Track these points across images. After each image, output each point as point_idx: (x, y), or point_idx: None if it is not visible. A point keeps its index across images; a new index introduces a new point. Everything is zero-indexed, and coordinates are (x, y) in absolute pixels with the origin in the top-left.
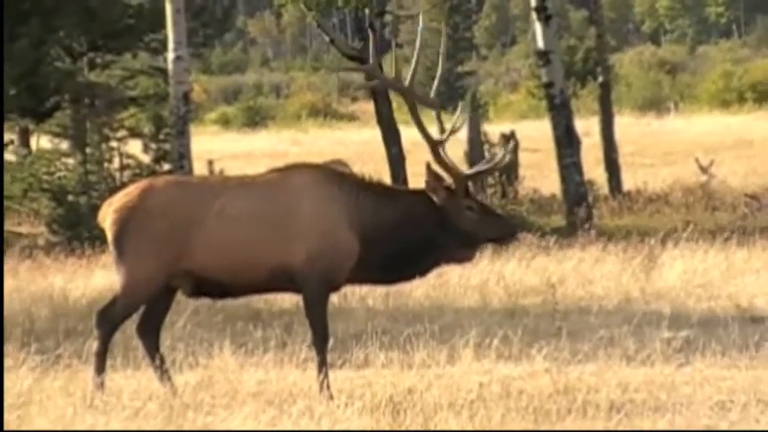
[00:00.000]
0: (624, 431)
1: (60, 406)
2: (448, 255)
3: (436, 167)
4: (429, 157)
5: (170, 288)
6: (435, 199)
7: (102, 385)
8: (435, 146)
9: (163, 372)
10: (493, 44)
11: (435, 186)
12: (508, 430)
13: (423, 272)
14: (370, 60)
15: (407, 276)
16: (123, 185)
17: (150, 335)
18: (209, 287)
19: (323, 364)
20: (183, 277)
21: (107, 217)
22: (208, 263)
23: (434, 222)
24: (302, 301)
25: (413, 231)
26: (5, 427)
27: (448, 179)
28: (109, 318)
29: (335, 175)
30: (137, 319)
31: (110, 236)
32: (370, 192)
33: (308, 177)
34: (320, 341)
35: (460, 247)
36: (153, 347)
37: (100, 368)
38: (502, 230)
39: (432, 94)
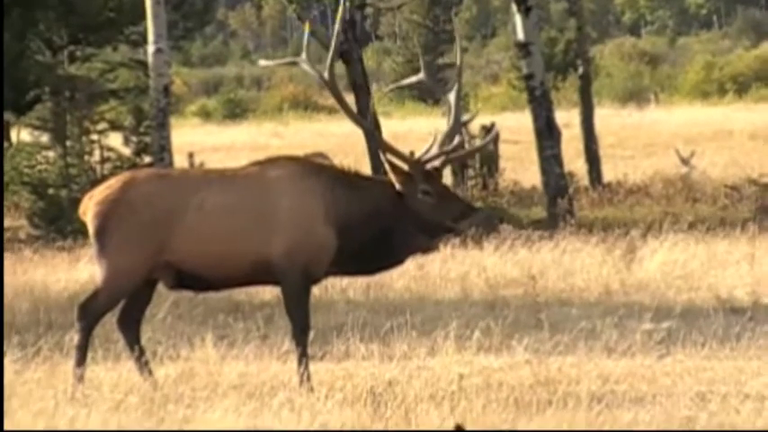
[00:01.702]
0: (604, 430)
1: (41, 398)
2: (414, 243)
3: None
4: (407, 147)
5: (150, 281)
6: (396, 186)
7: (82, 378)
8: (371, 134)
9: (143, 364)
10: (473, 36)
11: (392, 173)
12: None
13: (398, 261)
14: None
15: (385, 266)
16: (104, 178)
17: (131, 327)
18: (190, 280)
19: (303, 357)
20: (164, 270)
21: (88, 210)
22: (188, 255)
23: (400, 210)
24: (282, 294)
25: (384, 220)
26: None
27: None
28: (90, 311)
29: (313, 167)
30: (117, 311)
31: (91, 228)
32: (344, 183)
33: (287, 171)
34: (300, 334)
35: (422, 234)
36: (133, 340)
37: (81, 361)
38: (458, 213)
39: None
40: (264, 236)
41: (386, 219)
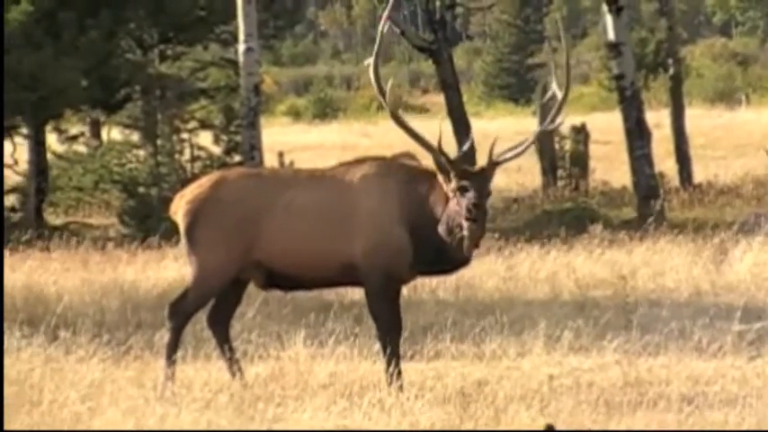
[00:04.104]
0: (695, 430)
1: (131, 397)
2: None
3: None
4: (498, 148)
5: (240, 280)
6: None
7: (172, 377)
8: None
9: (233, 363)
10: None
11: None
12: None
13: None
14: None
15: (461, 263)
16: (194, 177)
17: (220, 327)
18: (278, 279)
19: (393, 356)
20: (253, 268)
21: (179, 209)
22: (277, 255)
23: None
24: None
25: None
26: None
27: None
28: (181, 310)
29: (390, 167)
30: (207, 311)
31: (182, 227)
32: (419, 183)
33: (366, 171)
34: (386, 334)
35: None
36: (223, 339)
37: (171, 359)
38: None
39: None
40: (347, 237)
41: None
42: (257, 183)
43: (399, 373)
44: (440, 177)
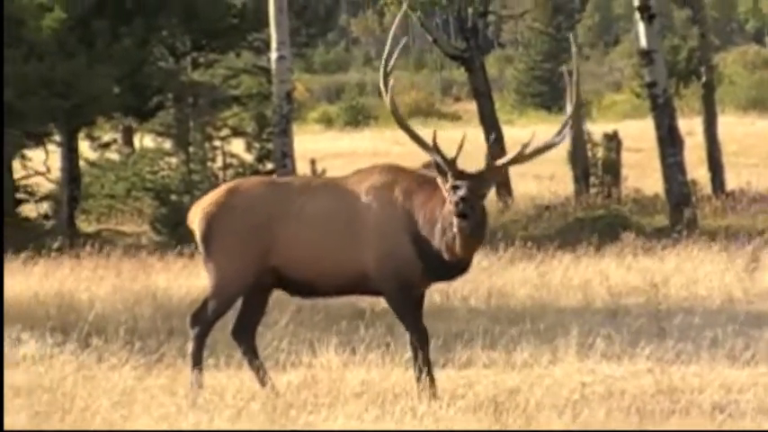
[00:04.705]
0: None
1: (164, 404)
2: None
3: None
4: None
5: (264, 290)
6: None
7: (202, 384)
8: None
9: (261, 373)
10: (596, 44)
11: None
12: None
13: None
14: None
15: (457, 267)
16: None
17: (246, 337)
18: (294, 286)
19: (425, 363)
20: (271, 275)
21: (195, 217)
22: (290, 262)
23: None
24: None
25: None
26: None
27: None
28: (202, 318)
29: (398, 176)
30: (232, 322)
31: (197, 235)
32: (426, 193)
33: (374, 181)
34: (418, 340)
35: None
36: (250, 349)
37: (198, 368)
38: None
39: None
40: (357, 246)
41: None
42: (271, 190)
43: (432, 380)
44: (439, 180)
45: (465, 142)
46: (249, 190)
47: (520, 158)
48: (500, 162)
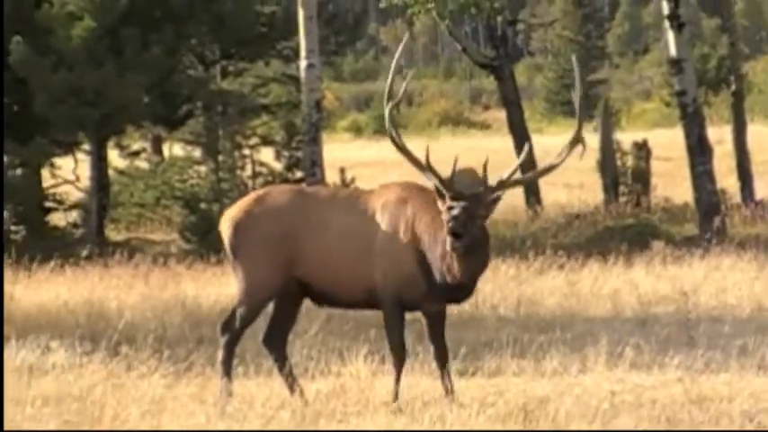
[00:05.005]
0: None
1: (193, 413)
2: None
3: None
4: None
5: (294, 297)
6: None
7: (231, 393)
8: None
9: (292, 382)
10: (625, 52)
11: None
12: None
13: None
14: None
15: (457, 289)
16: None
17: (277, 344)
18: (317, 296)
19: (397, 381)
20: (296, 283)
21: (224, 224)
22: (313, 271)
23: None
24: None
25: None
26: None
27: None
28: (231, 327)
29: (411, 194)
30: (264, 330)
31: (225, 242)
32: (430, 213)
33: (387, 197)
34: (396, 357)
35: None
36: (281, 357)
37: (227, 376)
38: None
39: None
40: (368, 261)
41: None
42: (298, 199)
43: (396, 395)
44: (438, 202)
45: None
46: (276, 198)
47: (521, 181)
48: (497, 182)
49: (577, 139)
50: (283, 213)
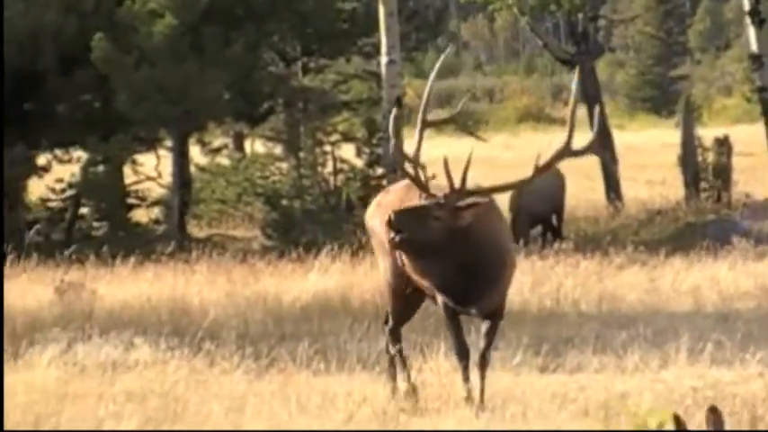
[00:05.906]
0: None
1: (275, 410)
2: None
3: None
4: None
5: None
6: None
7: (415, 389)
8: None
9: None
10: (707, 48)
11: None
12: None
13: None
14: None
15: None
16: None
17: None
18: (420, 291)
19: (465, 378)
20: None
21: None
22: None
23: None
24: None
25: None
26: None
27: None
28: (389, 329)
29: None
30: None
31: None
32: (462, 220)
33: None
34: (457, 354)
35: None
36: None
37: (405, 371)
38: None
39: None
40: None
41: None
42: (404, 193)
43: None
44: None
45: None
46: (392, 192)
47: (495, 189)
48: (464, 188)
49: (564, 153)
50: (393, 206)
